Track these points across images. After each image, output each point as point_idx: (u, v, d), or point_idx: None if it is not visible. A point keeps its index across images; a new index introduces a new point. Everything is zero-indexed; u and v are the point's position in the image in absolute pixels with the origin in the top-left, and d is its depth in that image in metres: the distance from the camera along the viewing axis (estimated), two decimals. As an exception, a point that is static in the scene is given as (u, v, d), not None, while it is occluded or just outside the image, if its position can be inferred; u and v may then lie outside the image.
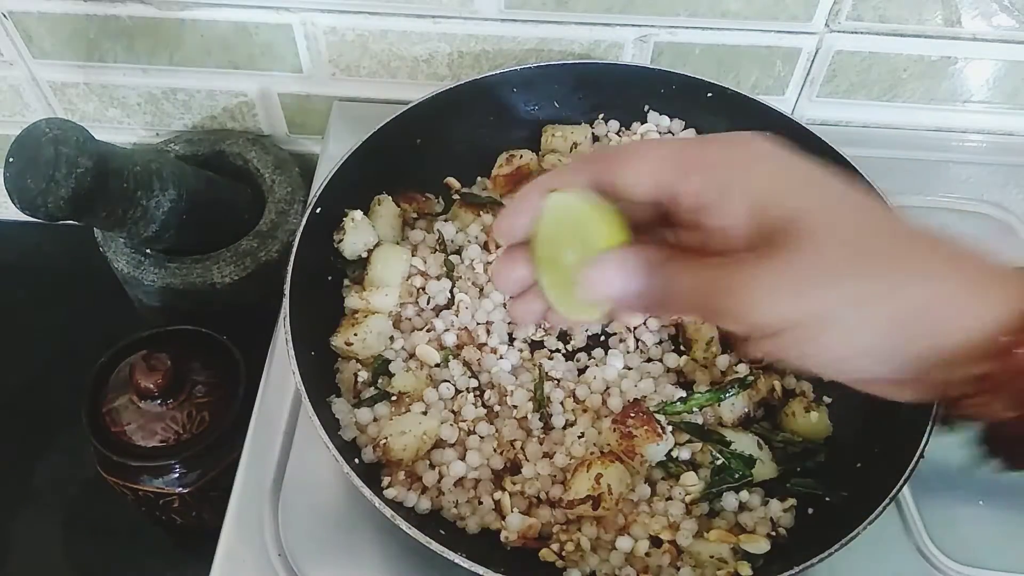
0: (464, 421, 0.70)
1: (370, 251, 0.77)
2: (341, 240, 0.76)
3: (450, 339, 0.75)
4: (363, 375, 0.72)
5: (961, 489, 0.75)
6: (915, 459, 0.62)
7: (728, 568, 0.63)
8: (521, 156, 0.84)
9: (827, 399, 0.73)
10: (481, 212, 0.82)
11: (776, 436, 0.71)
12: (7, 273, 1.14)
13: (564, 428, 0.71)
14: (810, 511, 0.67)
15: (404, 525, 0.59)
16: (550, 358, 0.75)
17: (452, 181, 0.85)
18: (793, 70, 0.93)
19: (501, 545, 0.65)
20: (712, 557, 0.64)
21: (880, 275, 0.41)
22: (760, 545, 0.64)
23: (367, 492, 0.61)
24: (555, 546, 0.65)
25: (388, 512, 0.60)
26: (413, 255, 0.79)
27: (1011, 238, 0.91)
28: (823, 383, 0.75)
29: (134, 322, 0.98)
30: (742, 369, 0.72)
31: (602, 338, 0.78)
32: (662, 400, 0.71)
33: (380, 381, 0.72)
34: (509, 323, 0.77)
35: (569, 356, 0.76)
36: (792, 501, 0.67)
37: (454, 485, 0.68)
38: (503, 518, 0.66)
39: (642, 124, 0.87)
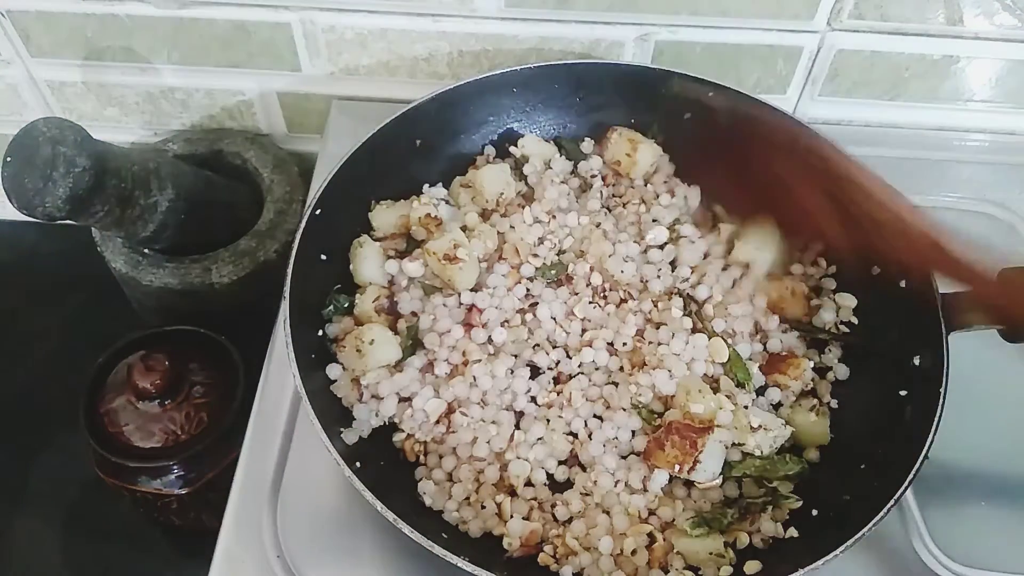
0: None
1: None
2: None
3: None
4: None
5: (963, 491, 0.75)
6: (919, 461, 0.62)
7: (726, 559, 0.63)
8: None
9: (834, 403, 0.73)
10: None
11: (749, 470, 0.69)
12: (4, 273, 1.13)
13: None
14: (814, 512, 0.67)
15: (406, 528, 0.59)
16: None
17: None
18: (795, 69, 0.93)
19: (502, 548, 0.65)
20: (711, 554, 0.64)
21: None
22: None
23: (368, 495, 0.60)
24: (549, 548, 0.65)
25: (390, 516, 0.59)
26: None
27: (1013, 237, 0.90)
28: (838, 381, 0.74)
29: (132, 322, 0.97)
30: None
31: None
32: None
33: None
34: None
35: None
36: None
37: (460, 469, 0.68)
38: (504, 523, 0.66)
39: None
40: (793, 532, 0.66)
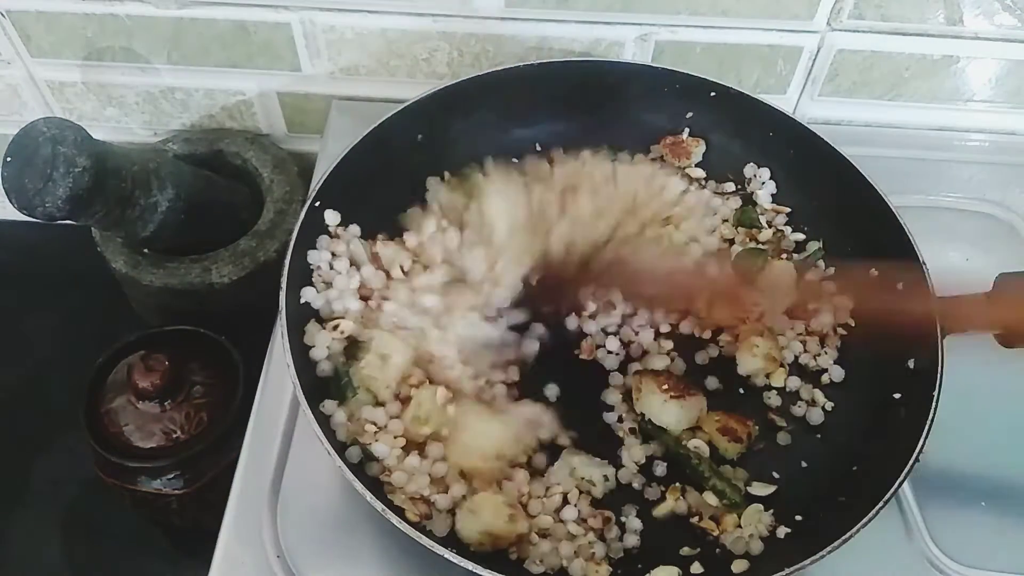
0: None
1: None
2: None
3: None
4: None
5: (963, 490, 0.74)
6: (912, 460, 0.62)
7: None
8: None
9: (829, 404, 0.73)
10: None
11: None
12: (4, 273, 1.13)
13: None
14: (805, 513, 0.67)
15: (406, 528, 0.59)
16: None
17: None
18: (795, 69, 0.93)
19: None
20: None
21: None
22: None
23: (367, 495, 0.60)
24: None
25: (390, 516, 0.59)
26: None
27: (1014, 238, 0.90)
28: (832, 384, 0.75)
29: (132, 322, 0.97)
30: None
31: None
32: None
33: None
34: None
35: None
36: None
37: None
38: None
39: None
40: (783, 531, 0.66)
